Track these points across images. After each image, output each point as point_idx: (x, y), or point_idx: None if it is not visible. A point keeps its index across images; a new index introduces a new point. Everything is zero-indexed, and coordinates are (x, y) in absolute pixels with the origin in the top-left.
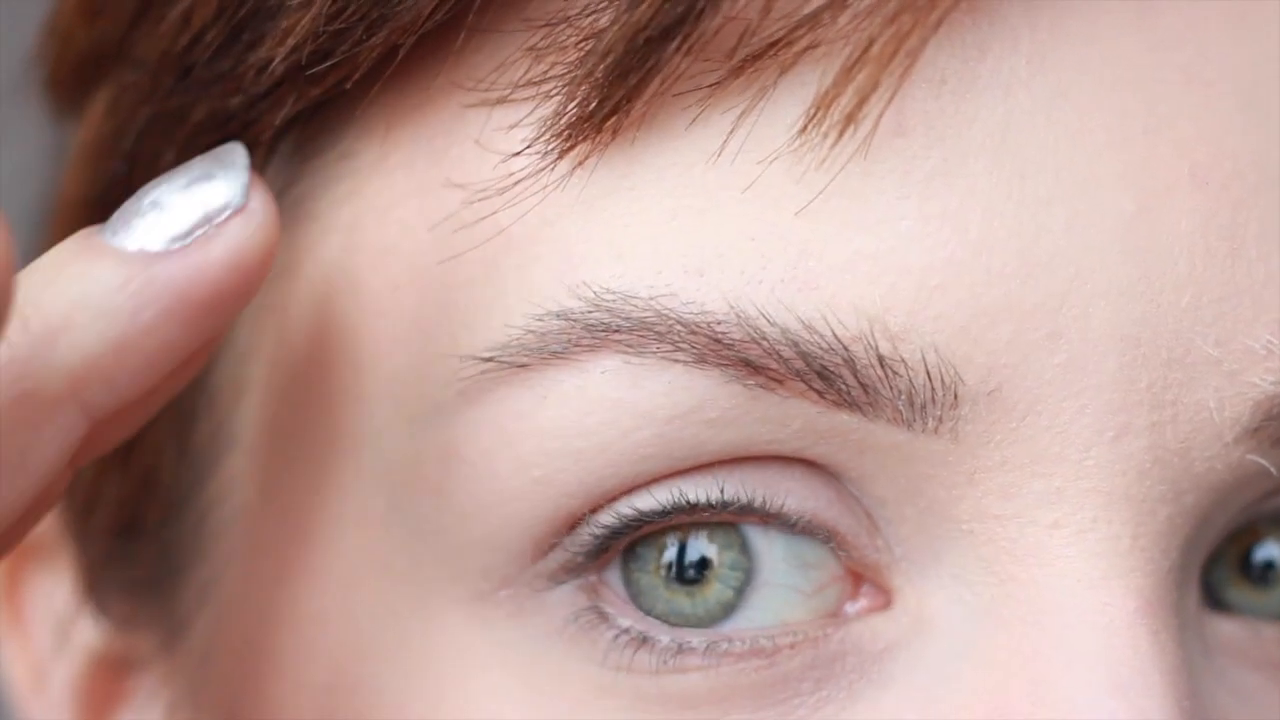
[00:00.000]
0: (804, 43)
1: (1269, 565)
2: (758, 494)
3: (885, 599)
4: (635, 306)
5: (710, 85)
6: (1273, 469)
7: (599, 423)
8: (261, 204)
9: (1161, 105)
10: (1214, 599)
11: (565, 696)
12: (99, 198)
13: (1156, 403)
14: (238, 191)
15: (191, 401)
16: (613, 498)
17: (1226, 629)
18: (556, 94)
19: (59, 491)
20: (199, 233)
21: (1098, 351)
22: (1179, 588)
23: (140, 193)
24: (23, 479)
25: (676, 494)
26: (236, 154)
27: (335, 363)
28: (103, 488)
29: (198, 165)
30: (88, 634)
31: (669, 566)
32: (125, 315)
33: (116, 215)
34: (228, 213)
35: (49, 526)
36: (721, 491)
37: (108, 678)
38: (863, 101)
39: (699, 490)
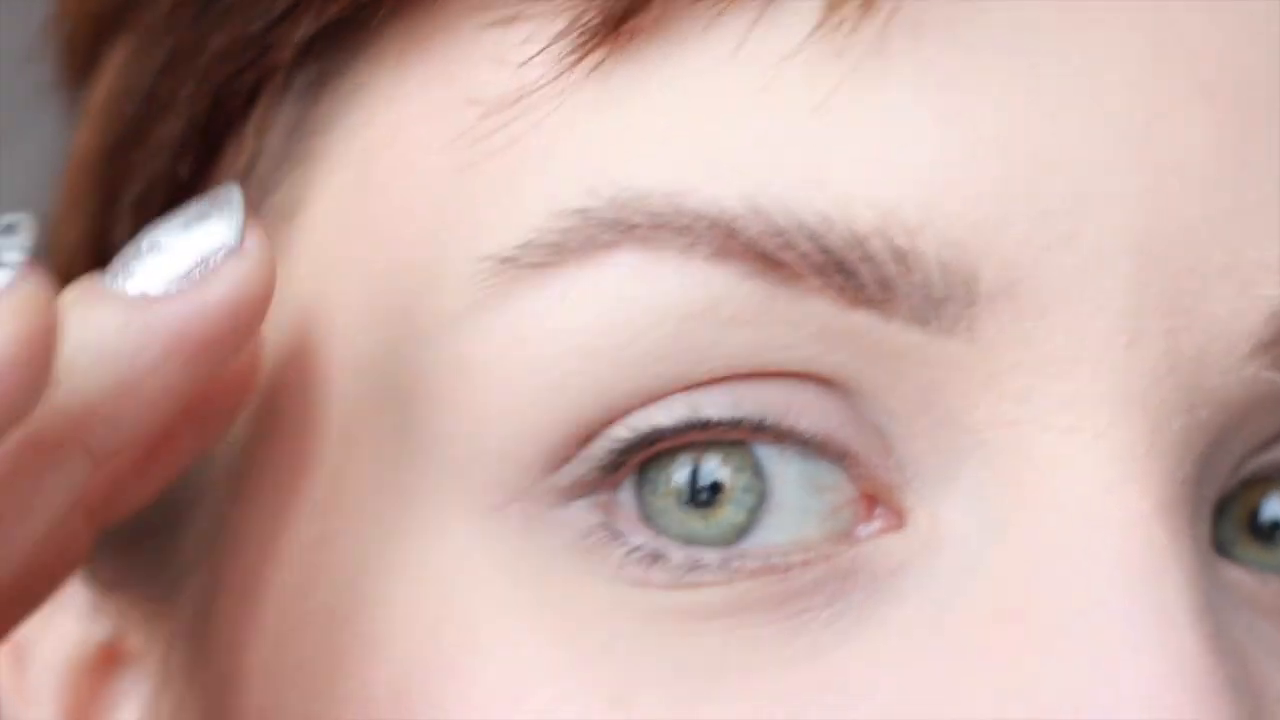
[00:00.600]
0: None
1: (1276, 524)
2: (771, 411)
3: (899, 520)
4: (652, 203)
5: None
6: None
7: (615, 321)
8: (256, 244)
9: (1172, 19)
10: (1222, 554)
11: (575, 610)
12: (113, 144)
13: (1170, 309)
14: (233, 232)
15: None
16: (628, 408)
17: (1235, 574)
18: (572, 4)
19: (80, 550)
20: (196, 274)
21: (1111, 255)
22: (1192, 504)
23: (139, 236)
24: (29, 526)
25: (693, 409)
26: (232, 195)
27: (343, 293)
28: None
29: (194, 207)
30: (74, 613)
31: (682, 490)
32: (125, 357)
33: (116, 260)
34: (223, 253)
35: None
36: (737, 407)
37: (95, 674)
38: None
39: (715, 406)
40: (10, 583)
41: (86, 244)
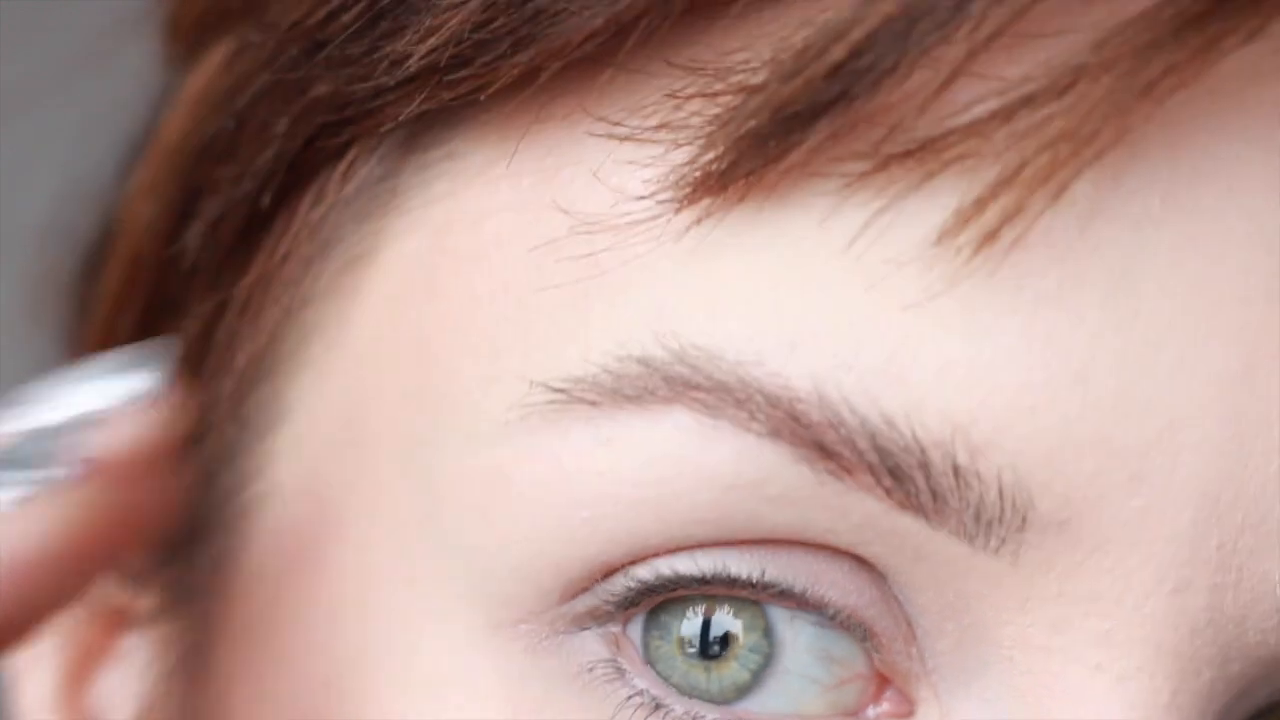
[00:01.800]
0: (956, 151)
1: None
2: (800, 580)
3: (909, 708)
4: (719, 368)
5: (851, 176)
6: None
7: (659, 477)
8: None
9: None
10: None
11: None
12: (201, 150)
13: (1223, 565)
14: (66, 475)
15: (253, 369)
16: (654, 554)
17: None
18: (689, 144)
19: None
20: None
21: (1177, 503)
22: None
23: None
24: None
25: (720, 564)
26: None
27: (399, 360)
28: None
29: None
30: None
31: (690, 639)
32: None
33: None
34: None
35: None
36: (764, 572)
37: (100, 628)
38: (1005, 222)
39: (742, 565)
40: None
41: (158, 237)
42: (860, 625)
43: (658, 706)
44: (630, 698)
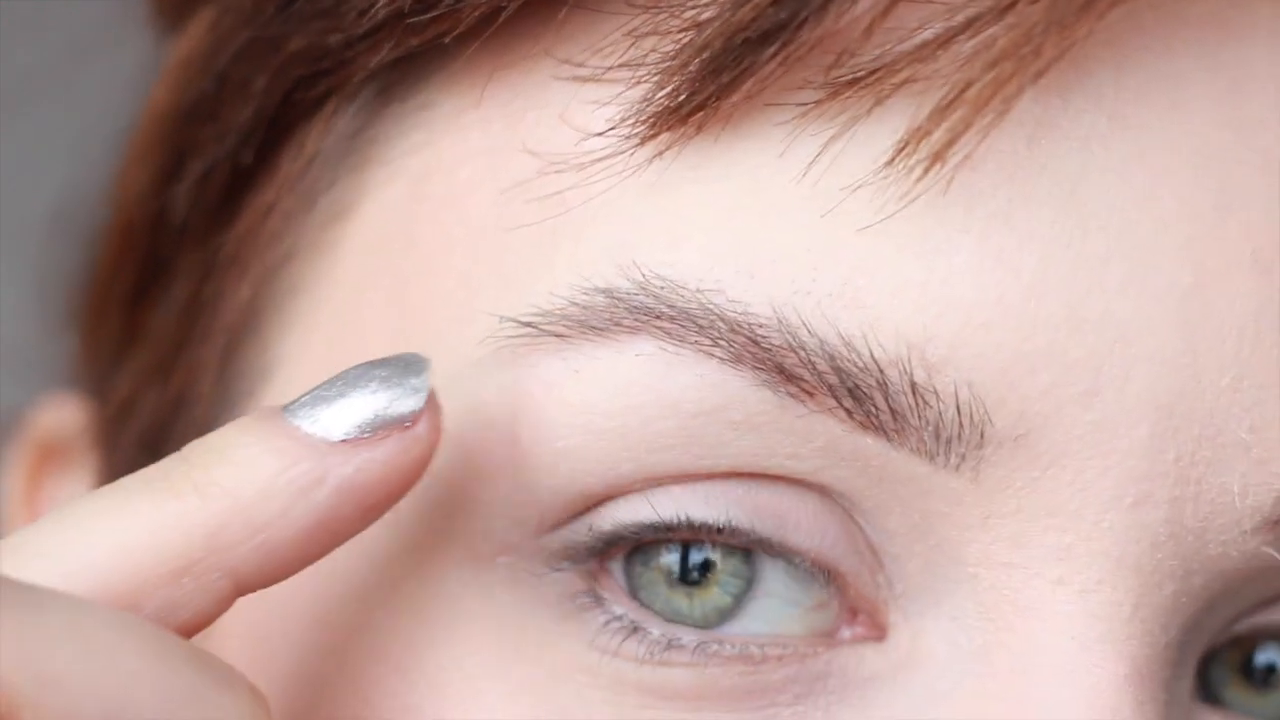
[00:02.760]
0: (903, 75)
1: (1270, 669)
2: (764, 525)
3: (880, 631)
4: (681, 296)
5: (805, 104)
6: None
7: (626, 405)
8: (429, 431)
9: (1235, 185)
10: (1211, 697)
11: (545, 667)
12: (185, 112)
13: (1181, 477)
14: (415, 410)
15: (240, 327)
16: (625, 488)
17: None
18: (647, 80)
19: (223, 606)
20: (370, 432)
21: (1131, 416)
22: (1174, 666)
23: (330, 382)
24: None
25: (682, 514)
26: (422, 371)
27: (380, 309)
28: (139, 399)
29: (387, 370)
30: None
31: (671, 567)
32: (288, 500)
33: (306, 397)
34: (399, 424)
35: (76, 431)
36: (729, 520)
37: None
38: (953, 141)
39: (705, 511)
40: None
41: (148, 202)
42: (826, 566)
43: (636, 629)
44: (608, 622)
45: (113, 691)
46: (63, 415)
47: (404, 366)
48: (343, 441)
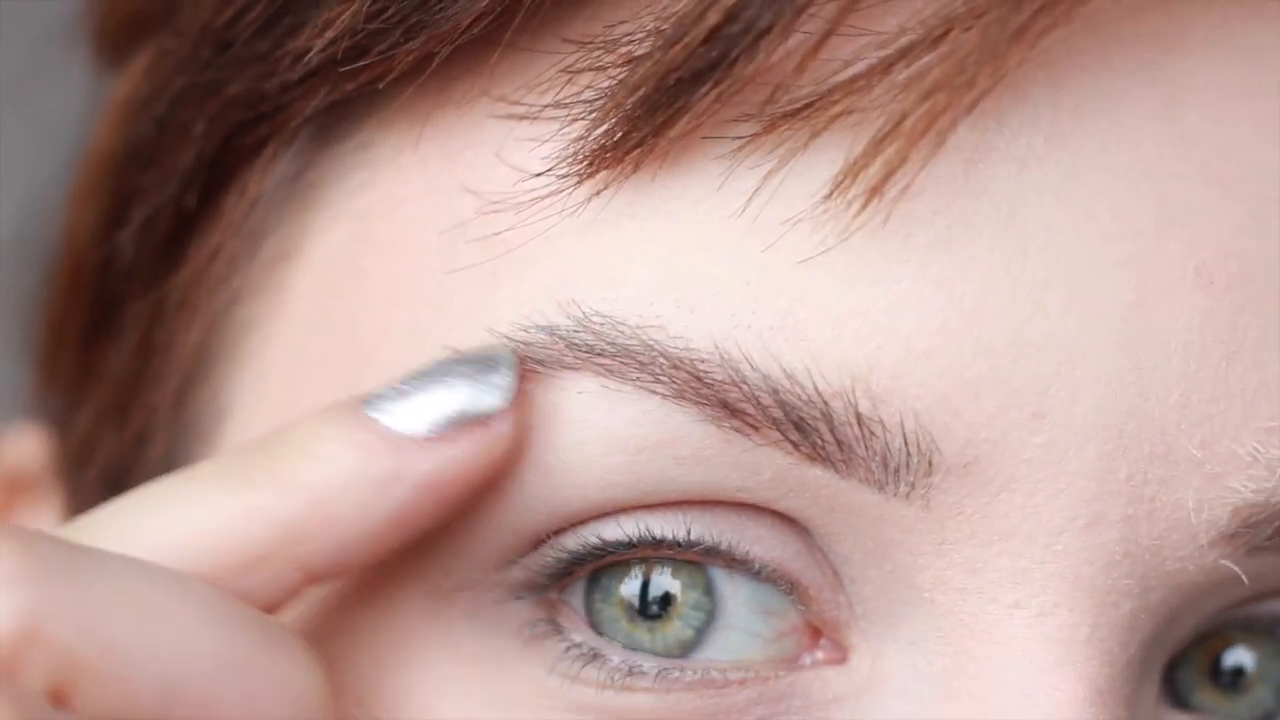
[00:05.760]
0: (839, 107)
1: (1238, 672)
2: (725, 537)
3: (842, 655)
4: (621, 333)
5: (741, 138)
6: (1245, 577)
7: (570, 442)
8: (510, 428)
9: (1176, 199)
10: (1180, 702)
11: (505, 692)
12: (126, 156)
13: (1134, 496)
14: (498, 407)
15: (193, 369)
16: (578, 521)
17: None
18: (583, 118)
19: (293, 594)
20: (453, 428)
21: (1079, 437)
22: (1135, 681)
23: (411, 376)
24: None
25: (643, 528)
26: (507, 365)
27: (328, 350)
28: (98, 441)
29: (469, 366)
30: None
31: (632, 601)
32: (369, 492)
33: (387, 391)
34: (479, 422)
35: (42, 464)
36: (688, 532)
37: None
38: (889, 174)
39: (665, 526)
40: None
41: (95, 243)
42: (787, 578)
43: (595, 655)
44: (568, 649)
45: (171, 656)
46: (28, 447)
47: (487, 362)
48: (423, 438)
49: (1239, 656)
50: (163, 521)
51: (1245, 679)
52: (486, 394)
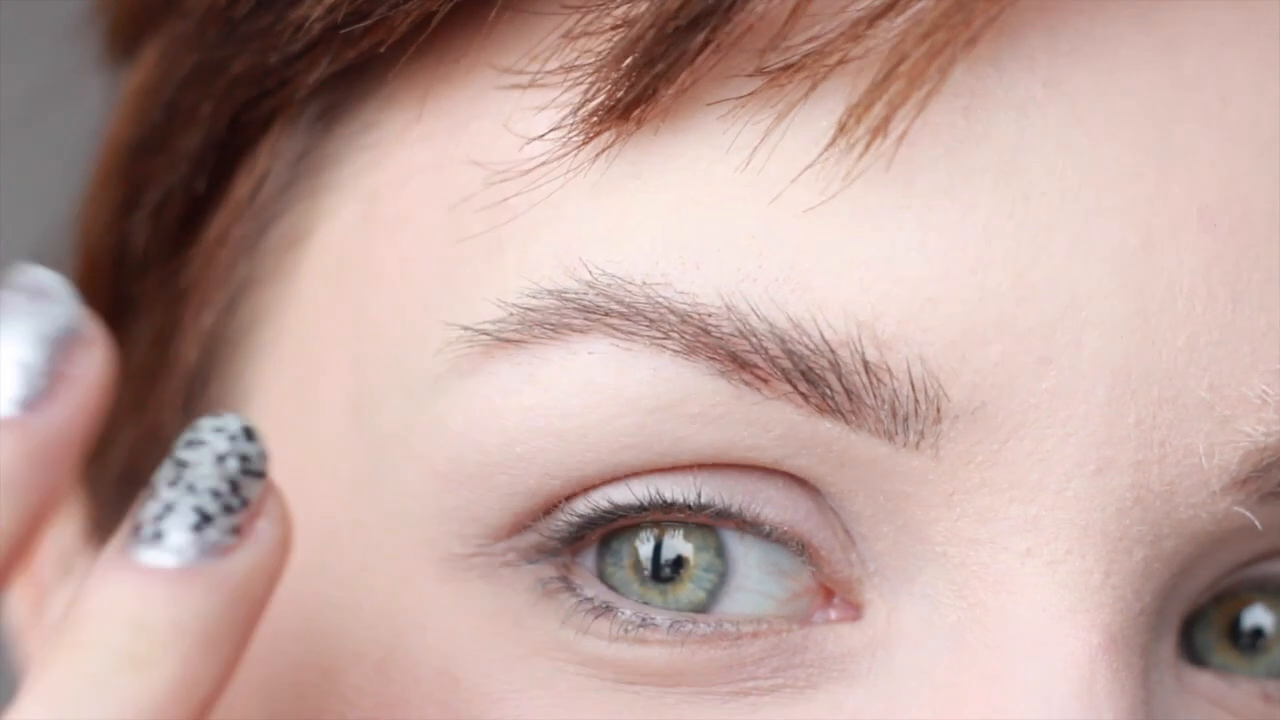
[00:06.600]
0: (837, 56)
1: (1257, 632)
2: (735, 499)
3: (855, 612)
4: (629, 292)
5: (742, 94)
6: (1259, 524)
7: (582, 405)
8: (97, 330)
9: (1177, 143)
10: (1199, 662)
11: (520, 645)
12: (139, 143)
13: (1144, 441)
14: (74, 315)
15: (206, 359)
16: (591, 485)
17: (1204, 681)
18: (584, 81)
19: None
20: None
21: (1087, 381)
22: (1150, 630)
23: None
24: None
25: (654, 491)
26: (53, 281)
27: (342, 331)
28: (116, 436)
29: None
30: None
31: (644, 563)
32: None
33: None
34: (71, 339)
35: None
36: (699, 494)
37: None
38: (891, 115)
39: (676, 489)
40: None
41: (108, 239)
42: (798, 540)
43: (608, 609)
44: (580, 603)
45: None
46: None
47: (33, 289)
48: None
49: (1258, 617)
50: None
51: (1265, 639)
52: (61, 315)
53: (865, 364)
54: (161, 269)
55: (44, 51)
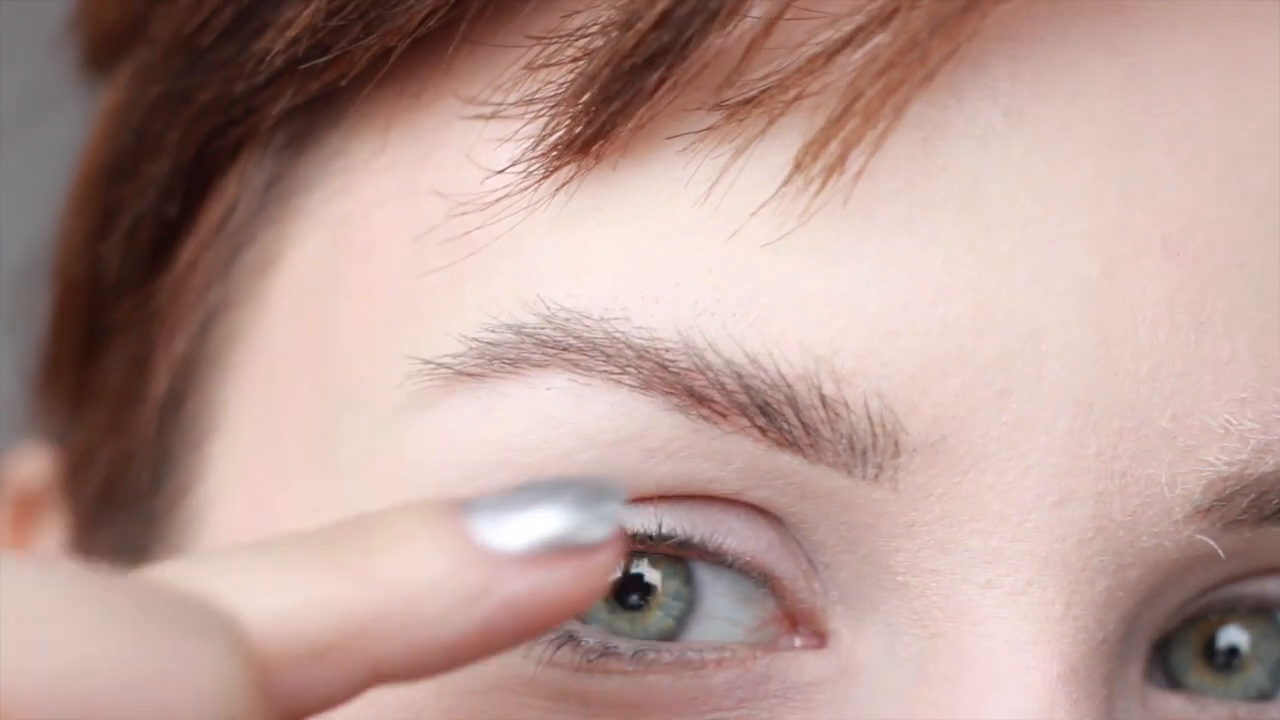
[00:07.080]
0: (793, 92)
1: (1232, 652)
2: (698, 530)
3: (820, 641)
4: (587, 327)
5: (700, 129)
6: (1221, 552)
7: (541, 440)
8: (608, 562)
9: (1140, 171)
10: (1174, 683)
11: (481, 681)
12: (110, 168)
13: (1105, 471)
14: (601, 540)
15: (180, 382)
16: None
17: (1174, 706)
18: (544, 114)
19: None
20: (551, 552)
21: (1048, 413)
22: (1115, 659)
23: (520, 490)
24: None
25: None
26: (615, 499)
27: (310, 357)
28: (93, 454)
29: (580, 491)
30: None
31: (611, 590)
32: (453, 604)
33: (488, 499)
34: (580, 552)
35: (47, 486)
36: (660, 525)
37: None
38: (846, 153)
39: (637, 520)
40: None
41: (83, 264)
42: (761, 570)
43: (570, 638)
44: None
45: (62, 684)
46: (34, 467)
47: (599, 491)
48: (520, 557)
49: (1233, 636)
50: (229, 594)
51: (1240, 659)
52: (594, 525)
53: (823, 398)
54: (135, 294)
55: (41, 56)
